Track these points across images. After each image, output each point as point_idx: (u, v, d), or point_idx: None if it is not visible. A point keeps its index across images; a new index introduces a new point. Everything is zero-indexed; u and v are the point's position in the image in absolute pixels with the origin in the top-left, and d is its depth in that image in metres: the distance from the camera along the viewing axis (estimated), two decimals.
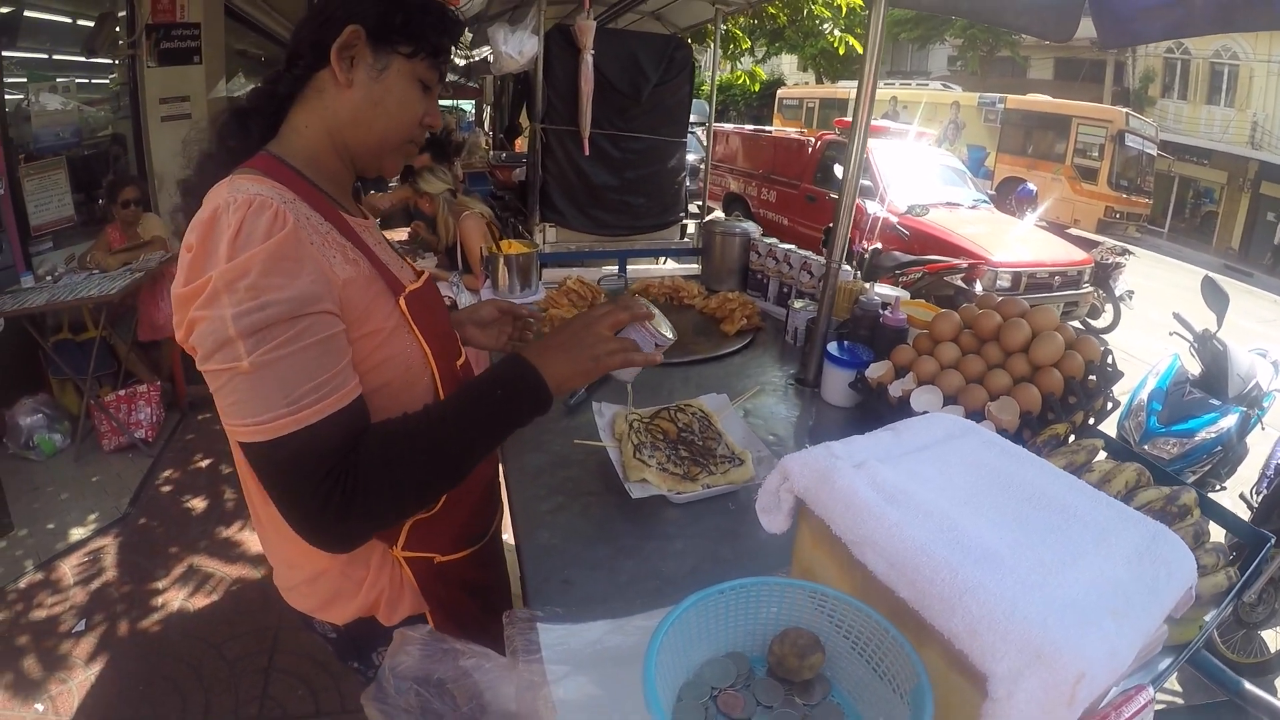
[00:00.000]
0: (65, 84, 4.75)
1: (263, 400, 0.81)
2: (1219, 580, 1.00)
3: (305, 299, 0.84)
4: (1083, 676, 0.57)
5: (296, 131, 1.00)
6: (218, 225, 0.81)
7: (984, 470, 0.84)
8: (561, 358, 1.00)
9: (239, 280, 0.79)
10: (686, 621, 0.72)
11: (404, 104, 1.01)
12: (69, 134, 4.77)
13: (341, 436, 0.85)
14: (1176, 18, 1.85)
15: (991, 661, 0.59)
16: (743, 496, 1.36)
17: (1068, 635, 0.59)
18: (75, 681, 2.50)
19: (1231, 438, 3.34)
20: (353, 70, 0.97)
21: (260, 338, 0.80)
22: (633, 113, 4.71)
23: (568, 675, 0.73)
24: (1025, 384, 1.47)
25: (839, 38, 11.05)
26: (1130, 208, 15.65)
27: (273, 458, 0.83)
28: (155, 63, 4.94)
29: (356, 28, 0.94)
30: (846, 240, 1.93)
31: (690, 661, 0.70)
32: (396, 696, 0.69)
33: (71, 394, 4.26)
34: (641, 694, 0.62)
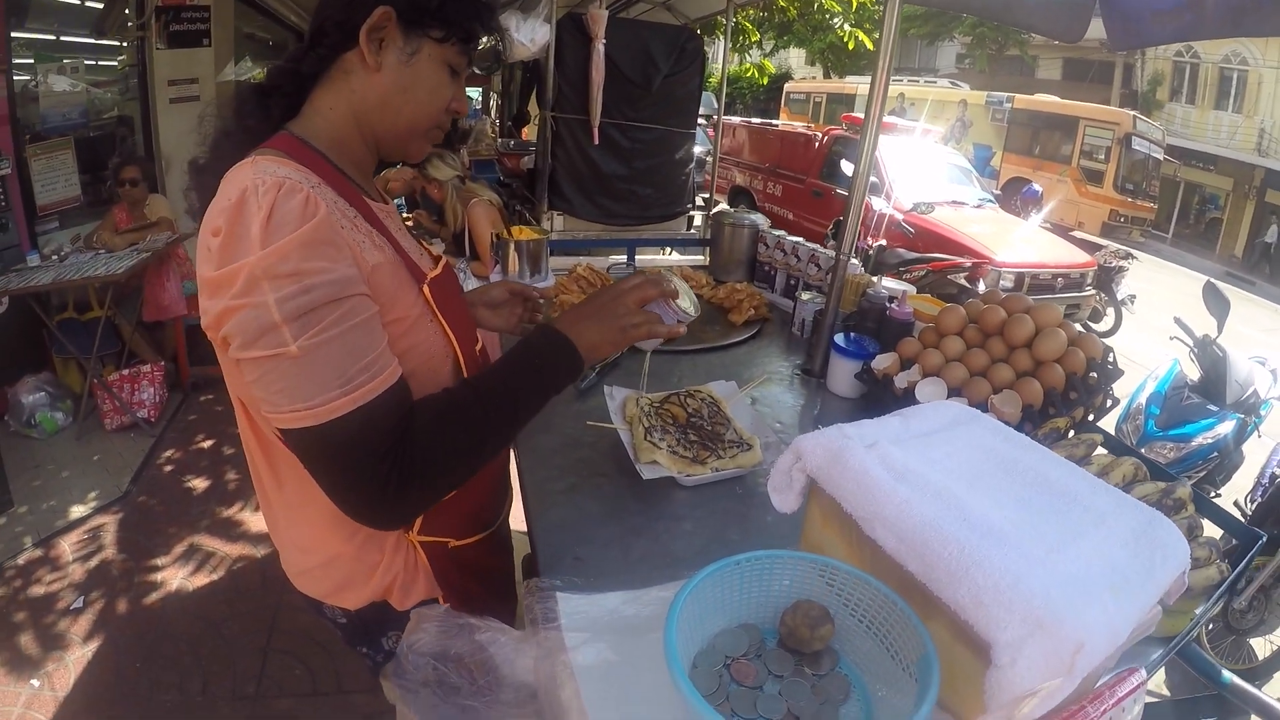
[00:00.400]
0: (74, 65, 4.75)
1: (315, 383, 0.80)
2: (1211, 574, 1.02)
3: (346, 281, 0.83)
4: (1082, 647, 0.60)
5: (320, 113, 0.98)
6: (246, 208, 0.79)
7: (989, 455, 0.86)
8: (592, 326, 1.02)
9: (279, 265, 0.78)
10: (703, 591, 0.74)
11: (433, 90, 0.99)
12: (77, 114, 4.78)
13: (395, 413, 0.86)
14: (1187, 21, 1.85)
15: (996, 630, 0.62)
16: (750, 481, 1.38)
17: (1069, 607, 0.62)
18: (72, 658, 2.51)
19: (1228, 444, 3.36)
20: (382, 53, 0.94)
21: (306, 321, 0.79)
22: (643, 103, 4.70)
23: (586, 642, 0.75)
24: (1028, 378, 1.48)
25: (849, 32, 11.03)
26: (1135, 211, 15.65)
27: (328, 441, 0.83)
28: (164, 45, 4.94)
29: (387, 9, 0.92)
30: (856, 233, 1.94)
31: (705, 631, 0.72)
32: (415, 672, 0.70)
33: (74, 373, 4.28)
34: (657, 661, 0.64)
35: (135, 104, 5.14)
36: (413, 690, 0.69)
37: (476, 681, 0.70)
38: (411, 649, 0.71)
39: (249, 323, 0.78)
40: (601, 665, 0.73)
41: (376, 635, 1.16)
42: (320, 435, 0.82)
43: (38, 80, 4.49)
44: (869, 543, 0.76)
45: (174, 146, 5.08)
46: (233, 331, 0.79)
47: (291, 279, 0.78)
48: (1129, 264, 7.71)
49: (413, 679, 0.70)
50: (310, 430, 0.82)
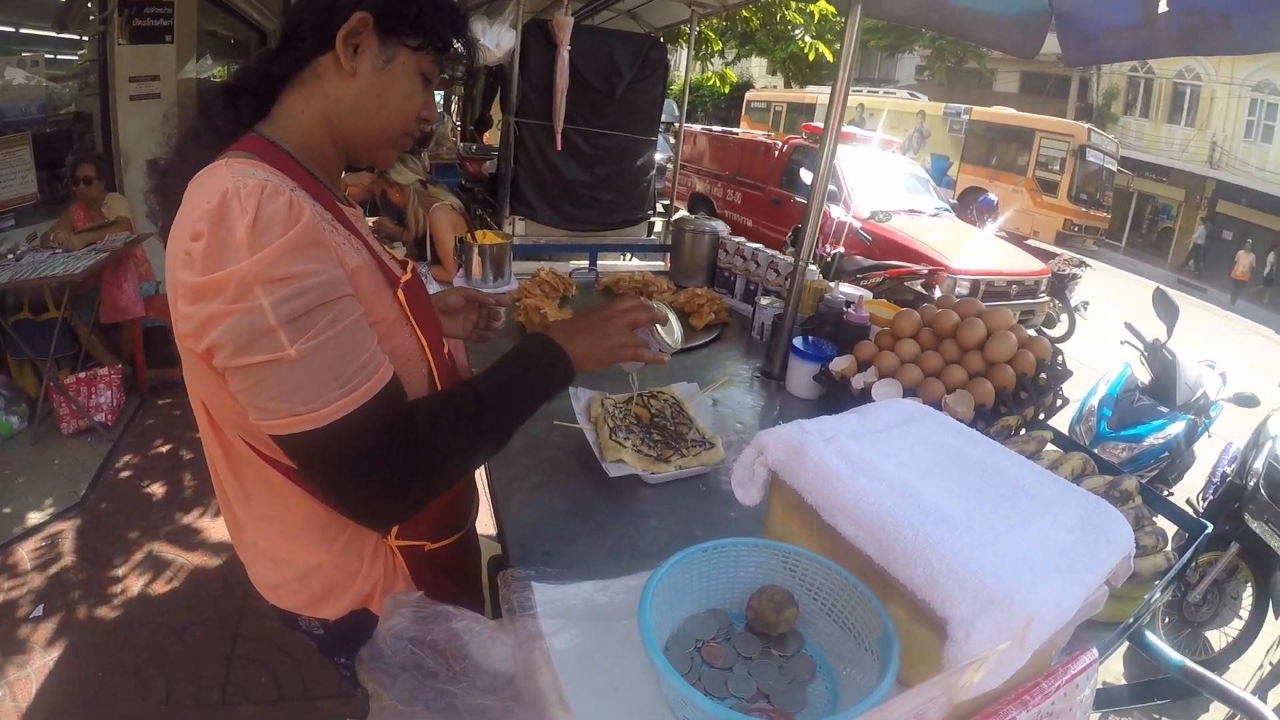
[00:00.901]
0: (34, 58, 4.67)
1: (315, 386, 0.80)
2: (1158, 560, 1.09)
3: (335, 282, 0.83)
4: (1031, 621, 0.65)
5: (291, 116, 0.96)
6: (229, 212, 0.78)
7: (941, 448, 0.92)
8: (584, 340, 1.07)
9: (270, 269, 0.77)
10: (673, 577, 0.78)
11: (406, 97, 1.00)
12: (35, 109, 4.70)
13: (393, 411, 0.87)
14: (1140, 39, 1.93)
15: (950, 607, 0.67)
16: (712, 478, 1.42)
17: (1018, 584, 0.66)
18: (34, 667, 2.46)
19: (1179, 444, 3.48)
20: (357, 58, 0.94)
21: (301, 324, 0.79)
22: (605, 110, 4.74)
23: (562, 629, 0.77)
24: (980, 379, 1.55)
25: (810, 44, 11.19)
26: (1089, 221, 16.09)
27: (331, 442, 0.82)
28: (126, 40, 4.85)
29: (365, 15, 0.91)
30: (815, 240, 2.00)
31: (676, 616, 0.76)
32: (393, 656, 0.72)
33: (29, 375, 4.18)
34: (630, 645, 0.68)
35: (95, 100, 5.04)
36: (391, 674, 0.70)
37: (453, 668, 0.72)
38: (389, 633, 0.73)
39: (242, 328, 0.77)
40: (577, 650, 0.76)
41: (356, 644, 1.12)
42: (322, 438, 0.82)
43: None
44: (829, 530, 0.80)
45: (133, 144, 4.98)
46: (223, 339, 0.78)
47: (284, 283, 0.78)
48: (1082, 271, 7.93)
49: (391, 663, 0.71)
50: (312, 434, 0.81)
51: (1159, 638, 1.12)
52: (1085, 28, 2.13)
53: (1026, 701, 0.65)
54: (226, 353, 0.78)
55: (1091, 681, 0.72)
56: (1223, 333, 12.19)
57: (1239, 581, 3.06)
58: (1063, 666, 0.70)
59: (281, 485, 0.99)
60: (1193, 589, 3.00)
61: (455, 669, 0.72)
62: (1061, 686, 0.68)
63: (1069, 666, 0.70)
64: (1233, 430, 3.91)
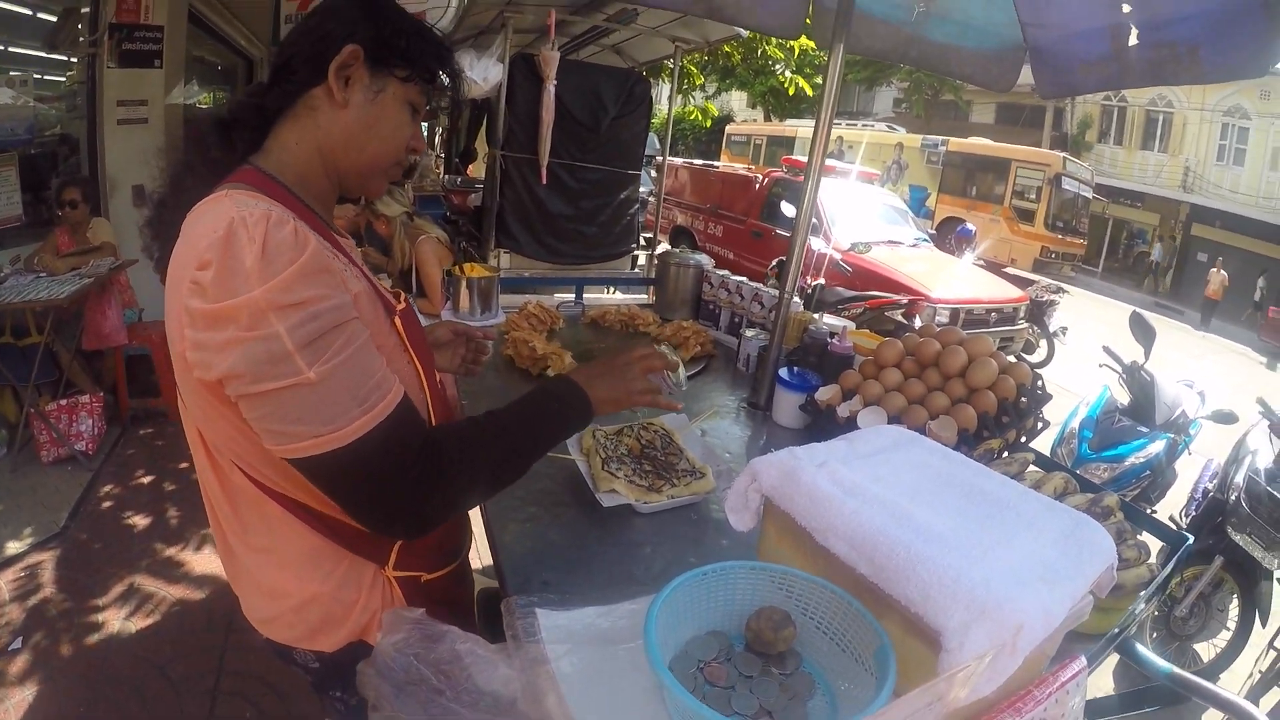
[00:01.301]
0: (22, 78, 4.67)
1: (335, 407, 0.82)
2: (1141, 572, 1.13)
3: (344, 306, 0.86)
4: (1021, 628, 0.69)
5: (285, 148, 0.98)
6: (236, 241, 0.79)
7: (928, 471, 0.96)
8: (604, 385, 1.14)
9: (283, 296, 0.79)
10: (675, 600, 0.81)
11: (396, 127, 1.02)
12: (22, 130, 4.68)
13: (409, 427, 0.90)
14: (1111, 71, 2.02)
15: (944, 619, 0.71)
16: (703, 507, 1.45)
17: (1007, 594, 0.70)
18: (12, 702, 2.41)
19: (1160, 462, 3.55)
20: (349, 90, 0.96)
21: (318, 347, 0.81)
22: (590, 144, 4.82)
23: (567, 653, 0.80)
24: (962, 404, 1.60)
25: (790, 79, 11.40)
26: (1065, 248, 16.42)
27: (354, 461, 0.84)
28: (115, 63, 4.82)
29: (356, 47, 0.94)
30: (798, 272, 2.04)
31: (678, 638, 0.78)
32: (399, 671, 0.73)
33: (9, 401, 4.13)
34: (633, 667, 0.72)
35: (82, 123, 5.00)
36: (399, 687, 0.72)
37: (456, 688, 0.73)
38: (393, 647, 0.74)
39: (259, 355, 0.78)
40: (582, 674, 0.78)
41: (351, 678, 1.12)
42: (345, 457, 0.84)
43: None
44: (822, 552, 0.84)
45: (120, 169, 4.95)
46: (239, 367, 0.79)
47: (298, 308, 0.80)
48: (1060, 298, 8.06)
49: (397, 677, 0.73)
50: (336, 453, 0.83)
51: (1147, 649, 1.15)
52: (1058, 61, 2.22)
53: (1020, 709, 0.68)
54: (243, 381, 0.80)
55: (1081, 690, 0.75)
56: (1200, 353, 12.40)
57: (1225, 594, 3.12)
58: (1053, 675, 0.73)
59: (279, 517, 1.00)
60: (1179, 603, 3.05)
61: (459, 688, 0.73)
62: (1053, 693, 0.71)
63: (1059, 674, 0.73)
64: (1213, 447, 3.97)
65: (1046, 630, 0.72)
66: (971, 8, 2.32)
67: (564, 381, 1.13)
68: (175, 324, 0.86)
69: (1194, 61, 1.76)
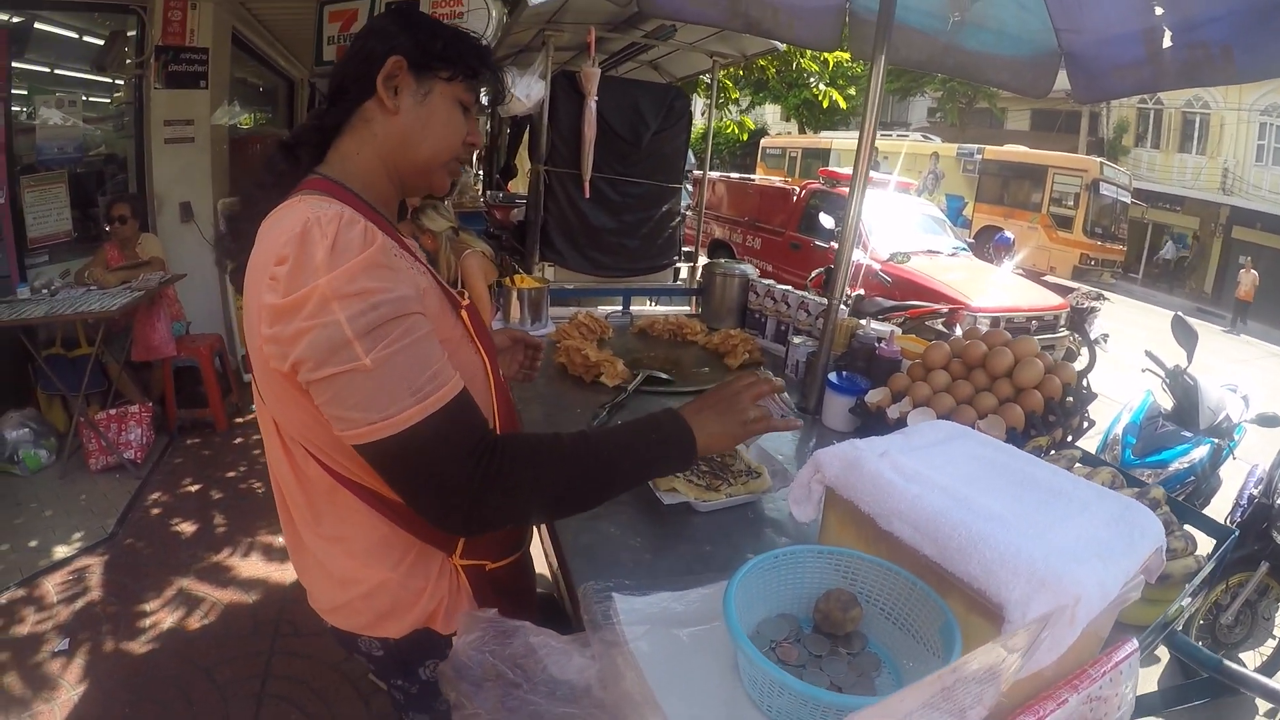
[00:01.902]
0: (71, 99, 4.82)
1: (388, 394, 0.85)
2: (1189, 563, 1.14)
3: (406, 299, 0.89)
4: (1079, 600, 0.71)
5: (348, 158, 1.05)
6: (310, 237, 0.85)
7: (982, 461, 0.99)
8: (714, 419, 1.11)
9: (346, 285, 0.84)
10: (749, 582, 0.84)
11: (448, 124, 1.07)
12: (72, 148, 4.83)
13: (466, 419, 0.92)
14: (1146, 75, 2.01)
15: (1006, 592, 0.73)
16: (759, 506, 1.46)
17: (1065, 568, 0.73)
18: (59, 701, 2.46)
19: (1204, 468, 3.48)
20: (398, 97, 1.02)
21: (376, 335, 0.84)
22: (632, 158, 4.86)
23: (644, 635, 0.82)
24: (1010, 404, 1.59)
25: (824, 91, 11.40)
26: (1105, 254, 16.16)
27: (407, 449, 0.87)
28: (162, 84, 4.99)
29: (399, 58, 1.00)
30: (847, 279, 2.05)
31: (750, 620, 0.81)
32: (477, 669, 0.75)
33: (59, 410, 4.26)
34: (708, 646, 0.78)
35: (130, 142, 5.18)
36: (476, 684, 0.73)
37: (533, 679, 0.75)
38: (469, 647, 0.76)
39: (322, 342, 0.83)
40: (660, 654, 0.81)
41: (414, 665, 1.17)
42: (399, 444, 0.86)
43: (35, 112, 4.55)
44: (884, 538, 0.87)
45: (167, 186, 5.11)
46: (306, 353, 0.84)
47: (359, 297, 0.84)
48: (1100, 304, 7.91)
49: (474, 675, 0.74)
50: (389, 440, 0.86)
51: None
52: (1093, 66, 2.21)
53: (1077, 685, 0.71)
54: (309, 366, 0.85)
55: (1134, 673, 0.77)
56: (1243, 358, 12.12)
57: (1270, 601, 3.05)
58: (1107, 655, 0.76)
59: (352, 505, 1.03)
60: (1225, 610, 2.99)
61: (534, 680, 0.75)
62: (1107, 673, 0.73)
63: (1113, 655, 0.76)
64: (1258, 453, 3.88)
65: (1102, 603, 0.75)
66: (1005, 16, 2.32)
67: (672, 415, 1.10)
68: (254, 319, 0.91)
69: (1228, 62, 1.75)
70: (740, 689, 0.78)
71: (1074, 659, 0.78)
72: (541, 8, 4.23)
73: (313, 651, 2.76)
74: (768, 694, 0.74)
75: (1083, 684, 0.71)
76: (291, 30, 6.65)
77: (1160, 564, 0.88)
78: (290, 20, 6.25)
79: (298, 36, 6.69)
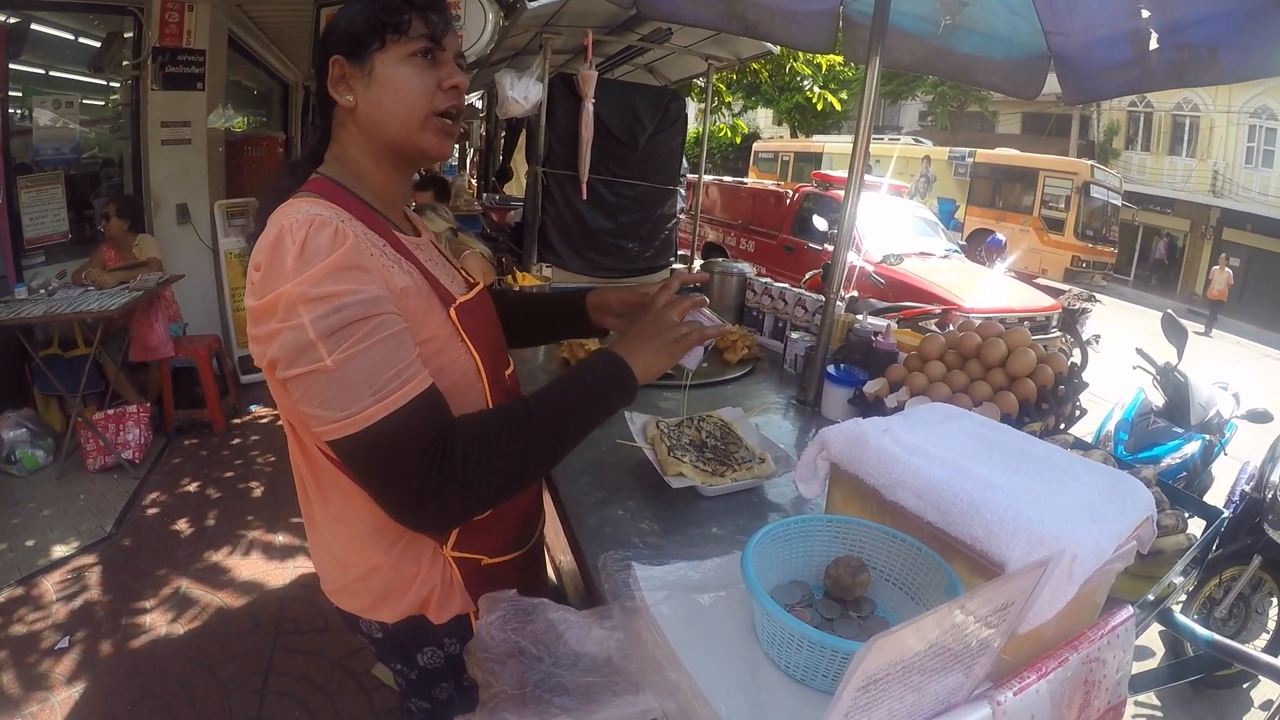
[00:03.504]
0: (68, 100, 4.84)
1: (349, 394, 0.87)
2: (1180, 540, 1.20)
3: (374, 300, 0.91)
4: (1076, 557, 0.76)
5: (338, 158, 1.09)
6: (282, 244, 0.89)
7: (979, 438, 1.03)
8: (644, 345, 1.12)
9: (311, 289, 0.87)
10: (762, 548, 0.87)
11: (402, 88, 1.03)
12: (68, 150, 4.85)
13: (430, 417, 0.92)
14: (1133, 76, 2.06)
15: (1006, 551, 0.79)
16: (764, 491, 1.50)
17: (1061, 529, 0.78)
18: (58, 699, 2.46)
19: (1196, 463, 3.53)
20: (351, 92, 1.04)
21: (339, 337, 0.87)
22: (629, 160, 4.91)
23: (664, 600, 0.86)
24: (1004, 392, 1.64)
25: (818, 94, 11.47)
26: (1096, 256, 16.25)
27: (368, 447, 0.89)
28: (159, 86, 5.01)
29: (337, 58, 1.03)
30: (843, 274, 2.09)
31: (764, 586, 0.83)
32: (498, 647, 0.78)
33: (55, 411, 4.27)
34: (726, 610, 0.83)
35: (126, 143, 5.21)
36: (500, 661, 0.77)
37: (554, 653, 0.78)
38: (491, 626, 0.79)
39: (289, 343, 0.87)
40: (679, 617, 0.84)
41: (412, 650, 1.19)
42: (360, 443, 0.89)
43: (32, 113, 4.57)
44: (889, 508, 0.92)
45: (164, 188, 5.12)
46: (278, 354, 0.89)
47: (324, 300, 0.87)
48: (1092, 305, 7.98)
49: (497, 653, 0.78)
50: (351, 439, 0.89)
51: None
52: (1082, 68, 2.26)
53: (1077, 646, 0.75)
54: (281, 366, 0.89)
55: (1130, 641, 0.82)
56: (1233, 358, 12.22)
57: (1264, 595, 3.09)
58: (1104, 620, 0.80)
59: (351, 489, 1.05)
60: (1219, 604, 3.03)
61: (556, 654, 0.78)
62: (1105, 635, 0.78)
63: (1110, 620, 0.80)
64: (1250, 451, 3.93)
65: (1097, 562, 0.79)
66: (995, 19, 2.36)
67: (603, 354, 1.10)
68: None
69: (1214, 62, 1.79)
70: (759, 649, 0.82)
71: (1074, 623, 0.83)
72: (539, 11, 4.25)
73: (315, 648, 2.77)
74: (785, 649, 0.77)
75: (1082, 645, 0.75)
76: (287, 33, 6.68)
77: (1152, 534, 0.92)
78: (286, 23, 6.29)
79: (293, 39, 6.73)
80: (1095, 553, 0.78)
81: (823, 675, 0.75)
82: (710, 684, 0.73)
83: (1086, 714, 0.77)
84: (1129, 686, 0.84)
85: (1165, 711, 2.93)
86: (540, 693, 0.74)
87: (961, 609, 0.58)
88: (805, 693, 0.76)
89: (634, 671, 0.74)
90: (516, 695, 0.75)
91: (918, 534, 0.88)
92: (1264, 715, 2.96)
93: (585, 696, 0.74)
